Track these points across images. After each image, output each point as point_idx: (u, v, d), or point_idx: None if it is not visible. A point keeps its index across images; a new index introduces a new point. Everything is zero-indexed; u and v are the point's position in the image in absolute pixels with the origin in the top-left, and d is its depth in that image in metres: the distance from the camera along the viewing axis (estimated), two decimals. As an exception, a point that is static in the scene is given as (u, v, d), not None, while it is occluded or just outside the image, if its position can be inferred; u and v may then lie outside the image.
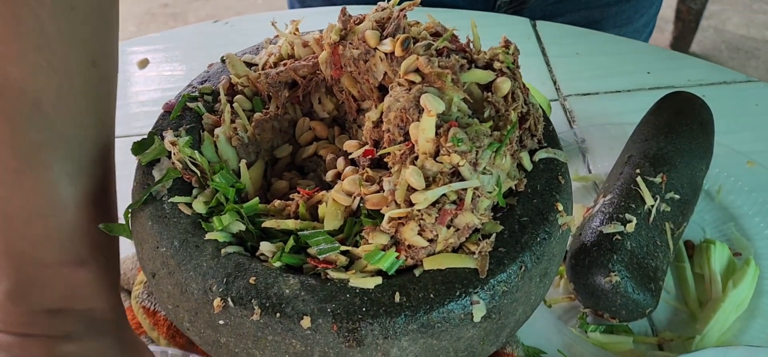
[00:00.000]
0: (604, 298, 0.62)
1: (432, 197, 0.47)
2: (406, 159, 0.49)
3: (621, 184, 0.68)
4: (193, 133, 0.57)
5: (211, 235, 0.49)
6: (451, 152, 0.47)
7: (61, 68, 0.47)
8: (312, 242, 0.48)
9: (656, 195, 0.66)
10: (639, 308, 0.62)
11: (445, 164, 0.48)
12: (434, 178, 0.48)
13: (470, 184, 0.48)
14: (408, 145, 0.50)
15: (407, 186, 0.48)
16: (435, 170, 0.48)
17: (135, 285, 0.68)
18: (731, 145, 0.80)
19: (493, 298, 0.47)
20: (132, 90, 0.95)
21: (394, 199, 0.48)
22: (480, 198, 0.49)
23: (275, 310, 0.46)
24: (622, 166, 0.71)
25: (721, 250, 0.70)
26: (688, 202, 0.70)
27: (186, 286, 0.48)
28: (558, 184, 0.54)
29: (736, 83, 0.93)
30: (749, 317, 0.66)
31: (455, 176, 0.48)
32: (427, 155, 0.48)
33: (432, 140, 0.48)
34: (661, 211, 0.66)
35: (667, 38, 2.59)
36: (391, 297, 0.46)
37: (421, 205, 0.47)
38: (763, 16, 2.76)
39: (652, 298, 0.62)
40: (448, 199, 0.47)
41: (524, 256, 0.49)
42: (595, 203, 0.69)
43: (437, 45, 0.54)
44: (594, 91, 0.93)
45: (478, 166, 0.49)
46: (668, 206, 0.67)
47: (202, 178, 0.53)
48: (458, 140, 0.48)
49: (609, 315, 0.63)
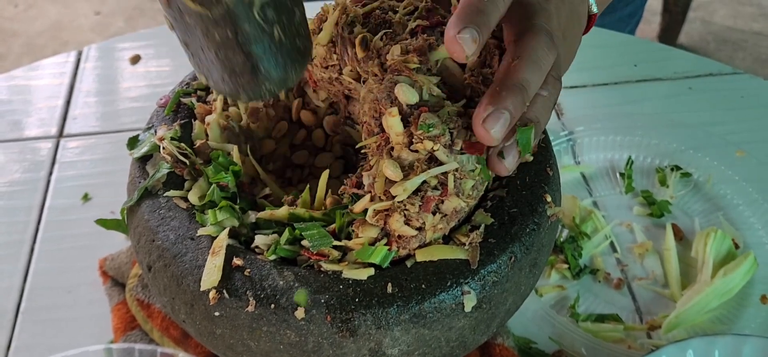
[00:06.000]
0: None
1: (411, 187, 0.47)
2: (383, 150, 0.49)
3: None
4: (187, 127, 0.58)
5: (205, 230, 0.49)
6: (423, 139, 0.47)
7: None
8: (306, 235, 0.49)
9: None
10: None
11: (420, 152, 0.48)
12: (412, 166, 0.48)
13: (448, 167, 0.48)
14: (383, 136, 0.49)
15: (385, 178, 0.48)
16: (411, 159, 0.48)
17: (129, 278, 0.69)
18: (719, 136, 0.81)
19: (484, 288, 0.48)
20: (123, 86, 0.95)
21: (375, 193, 0.48)
22: (462, 179, 0.49)
23: (270, 301, 0.46)
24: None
25: (721, 239, 0.70)
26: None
27: (182, 279, 0.49)
28: (546, 175, 0.55)
29: (722, 75, 0.94)
30: (740, 306, 0.67)
31: (433, 161, 0.48)
32: (401, 146, 0.48)
33: (402, 133, 0.48)
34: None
35: (655, 30, 2.61)
36: (384, 288, 0.47)
37: (401, 197, 0.47)
38: (750, 7, 2.78)
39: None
40: (429, 185, 0.47)
41: (514, 246, 0.50)
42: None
43: (409, 27, 0.53)
44: (581, 83, 0.93)
45: (455, 147, 0.48)
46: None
47: (192, 169, 0.54)
48: (428, 126, 0.47)
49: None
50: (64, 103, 0.92)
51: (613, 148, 0.83)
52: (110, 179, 0.81)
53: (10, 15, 2.79)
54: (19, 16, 2.79)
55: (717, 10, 2.78)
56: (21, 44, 2.66)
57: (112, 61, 0.99)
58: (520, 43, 0.50)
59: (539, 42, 0.50)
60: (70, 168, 0.83)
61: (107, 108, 0.92)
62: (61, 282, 0.71)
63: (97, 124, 0.89)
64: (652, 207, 0.77)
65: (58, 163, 0.84)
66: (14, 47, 2.64)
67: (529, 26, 0.51)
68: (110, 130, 0.89)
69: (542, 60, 0.50)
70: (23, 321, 0.68)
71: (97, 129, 0.89)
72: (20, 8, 2.82)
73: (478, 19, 0.47)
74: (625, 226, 0.76)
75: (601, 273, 0.71)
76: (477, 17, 0.47)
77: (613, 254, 0.73)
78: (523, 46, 0.49)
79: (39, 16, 2.79)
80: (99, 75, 0.97)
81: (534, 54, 0.49)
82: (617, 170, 0.81)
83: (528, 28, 0.51)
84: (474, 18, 0.47)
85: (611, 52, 0.98)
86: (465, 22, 0.47)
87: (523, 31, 0.51)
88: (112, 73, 0.97)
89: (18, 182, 0.82)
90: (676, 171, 0.80)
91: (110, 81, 0.96)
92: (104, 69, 0.98)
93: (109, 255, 0.71)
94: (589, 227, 0.74)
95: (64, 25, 2.75)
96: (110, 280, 0.70)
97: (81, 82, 0.95)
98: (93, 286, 0.70)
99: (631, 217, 0.77)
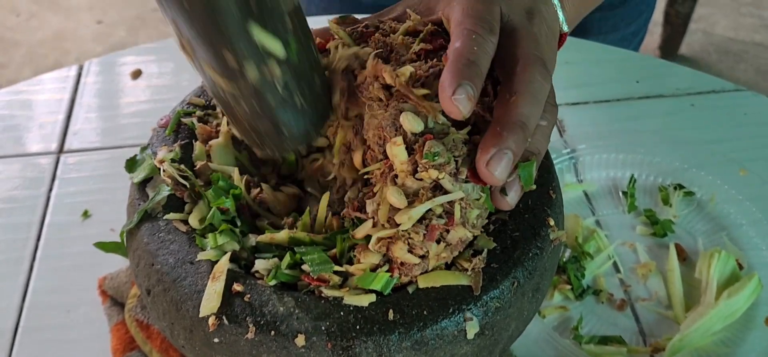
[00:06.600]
0: None
1: (416, 215, 0.46)
2: (387, 177, 0.49)
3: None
4: (187, 148, 0.57)
5: (205, 254, 0.49)
6: (428, 168, 0.47)
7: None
8: (306, 260, 0.48)
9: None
10: None
11: (425, 180, 0.47)
12: (416, 194, 0.47)
13: (453, 196, 0.47)
14: (387, 163, 0.49)
15: (389, 206, 0.47)
16: (416, 187, 0.47)
17: (129, 298, 0.68)
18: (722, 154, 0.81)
19: (486, 315, 0.48)
20: (124, 101, 0.95)
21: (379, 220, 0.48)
22: (468, 209, 0.48)
23: (270, 327, 0.46)
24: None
25: (725, 260, 0.70)
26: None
27: (181, 304, 0.48)
28: (549, 198, 0.54)
29: (724, 92, 0.94)
30: (744, 328, 0.67)
31: (438, 189, 0.47)
32: (406, 174, 0.48)
33: (407, 161, 0.48)
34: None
35: (656, 41, 2.61)
36: (385, 314, 0.46)
37: (405, 226, 0.46)
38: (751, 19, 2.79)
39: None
40: (434, 213, 0.47)
41: (517, 271, 0.49)
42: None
43: (412, 51, 0.53)
44: (583, 100, 0.93)
45: (460, 175, 0.48)
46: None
47: (192, 192, 0.54)
48: (433, 155, 0.47)
49: None
50: (65, 118, 0.92)
51: (615, 165, 0.82)
52: (110, 196, 0.81)
53: (12, 25, 2.79)
54: (21, 25, 2.79)
55: (718, 22, 2.78)
56: (22, 54, 2.66)
57: (114, 76, 0.99)
58: (515, 76, 0.50)
59: (534, 74, 0.50)
60: (70, 184, 0.83)
61: (108, 123, 0.92)
62: (60, 301, 0.71)
63: (97, 139, 0.89)
64: (655, 226, 0.76)
65: (59, 179, 0.84)
66: (16, 57, 2.65)
67: (520, 55, 0.51)
68: (111, 145, 0.88)
69: (539, 92, 0.49)
70: (22, 341, 0.68)
71: (97, 144, 0.88)
72: (22, 18, 2.82)
73: (470, 72, 0.47)
74: (628, 245, 0.75)
75: (604, 294, 0.70)
76: (469, 70, 0.48)
77: (616, 275, 0.72)
78: (520, 80, 0.49)
79: (41, 25, 2.79)
80: (100, 89, 0.96)
81: (531, 87, 0.49)
82: (620, 188, 0.81)
83: (519, 57, 0.51)
84: (466, 72, 0.47)
85: (613, 68, 0.98)
86: (458, 78, 0.47)
87: (515, 62, 0.51)
88: (113, 88, 0.97)
89: (18, 199, 0.81)
90: (679, 190, 0.79)
91: (111, 96, 0.96)
92: (105, 84, 0.97)
93: (109, 274, 0.71)
94: (592, 247, 0.74)
95: (66, 34, 2.75)
96: (109, 300, 0.69)
97: (82, 97, 0.95)
98: (92, 305, 0.70)
99: (634, 236, 0.76)
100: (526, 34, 0.53)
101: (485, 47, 0.50)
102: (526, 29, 0.53)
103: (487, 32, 0.51)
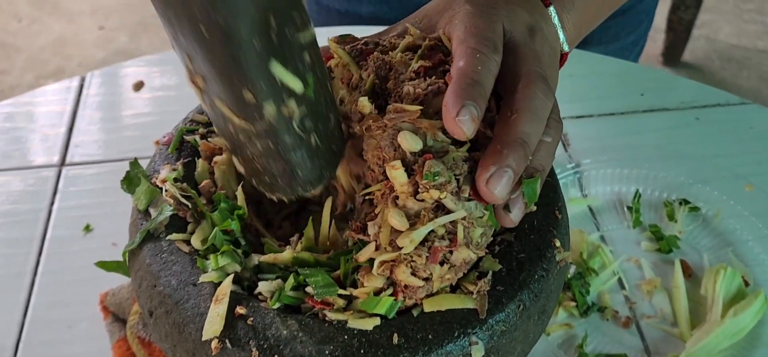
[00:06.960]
0: None
1: (418, 238, 0.46)
2: (388, 199, 0.48)
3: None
4: (190, 166, 0.57)
5: (208, 277, 0.49)
6: (429, 188, 0.46)
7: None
8: (310, 282, 0.48)
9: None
10: None
11: (426, 201, 0.47)
12: (418, 215, 0.47)
13: (456, 215, 0.47)
14: (387, 184, 0.48)
15: (391, 228, 0.47)
16: (417, 208, 0.47)
17: (131, 314, 0.68)
18: (728, 169, 0.80)
19: (492, 338, 0.47)
20: (126, 113, 0.95)
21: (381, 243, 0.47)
22: (471, 227, 0.48)
23: (273, 351, 0.45)
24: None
25: (731, 277, 0.69)
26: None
27: (184, 327, 0.48)
28: (555, 219, 0.54)
29: (729, 106, 0.93)
30: (751, 346, 0.66)
31: (440, 209, 0.47)
32: (406, 195, 0.47)
33: (406, 183, 0.47)
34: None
35: (659, 48, 2.60)
36: (390, 338, 0.46)
37: (408, 248, 0.46)
38: (754, 25, 2.78)
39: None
40: (436, 234, 0.47)
41: (523, 294, 0.49)
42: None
43: (412, 68, 0.52)
44: (588, 113, 0.93)
45: (462, 194, 0.47)
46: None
47: (195, 212, 0.53)
48: (433, 175, 0.46)
49: None
50: (67, 131, 0.91)
51: (620, 180, 0.82)
52: (112, 210, 0.80)
53: (14, 30, 2.79)
54: (23, 31, 2.79)
55: (721, 28, 2.77)
56: (24, 59, 2.66)
57: (116, 88, 0.99)
58: (516, 93, 0.49)
59: (536, 90, 0.49)
60: (71, 198, 0.83)
61: (110, 135, 0.91)
62: (62, 317, 0.70)
63: (99, 152, 0.89)
64: (660, 242, 0.76)
65: (60, 192, 0.83)
66: (18, 62, 2.65)
67: (522, 72, 0.50)
68: (113, 158, 0.88)
69: (541, 109, 0.49)
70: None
71: (99, 157, 0.88)
72: (24, 23, 2.82)
73: (474, 92, 0.47)
74: (633, 261, 0.75)
75: (609, 311, 0.70)
76: (473, 90, 0.47)
77: (621, 291, 0.72)
78: (521, 97, 0.49)
79: (42, 31, 2.79)
80: (102, 101, 0.96)
81: (532, 104, 0.49)
82: (625, 203, 0.80)
83: (521, 74, 0.50)
84: (470, 92, 0.47)
85: (617, 81, 0.98)
86: (462, 98, 0.46)
87: (516, 79, 0.50)
88: (115, 100, 0.97)
89: (19, 212, 0.81)
90: (685, 205, 0.79)
91: (113, 108, 0.96)
92: (107, 95, 0.97)
93: (110, 290, 0.70)
94: (597, 263, 0.73)
95: (68, 40, 2.75)
96: (111, 316, 0.69)
97: (84, 109, 0.95)
98: (93, 321, 0.69)
99: (639, 252, 0.76)
100: (527, 51, 0.52)
101: (489, 66, 0.49)
102: (528, 46, 0.53)
103: (491, 51, 0.50)
